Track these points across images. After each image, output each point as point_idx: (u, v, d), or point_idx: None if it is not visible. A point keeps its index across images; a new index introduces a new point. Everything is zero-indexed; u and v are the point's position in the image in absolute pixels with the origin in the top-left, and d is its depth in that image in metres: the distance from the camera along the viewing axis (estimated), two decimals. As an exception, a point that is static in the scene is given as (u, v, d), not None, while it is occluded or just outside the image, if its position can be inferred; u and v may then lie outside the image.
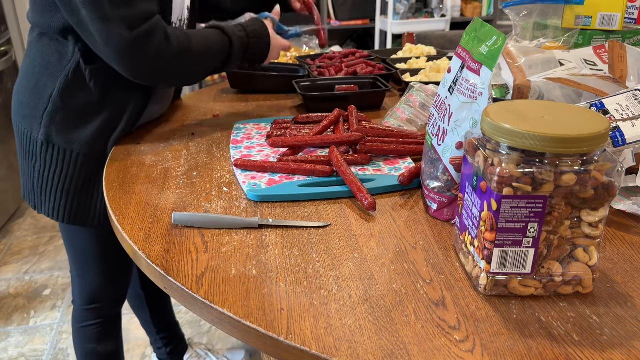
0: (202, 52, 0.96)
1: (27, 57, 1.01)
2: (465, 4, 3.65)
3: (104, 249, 1.11)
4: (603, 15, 1.00)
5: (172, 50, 0.90)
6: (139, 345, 1.79)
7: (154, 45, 0.88)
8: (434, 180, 0.70)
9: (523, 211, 0.49)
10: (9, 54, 2.54)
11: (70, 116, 0.96)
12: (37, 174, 1.01)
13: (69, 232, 1.10)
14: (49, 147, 0.98)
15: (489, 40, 0.60)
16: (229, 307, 0.53)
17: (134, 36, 0.85)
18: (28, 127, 0.99)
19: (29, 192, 1.05)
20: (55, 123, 0.96)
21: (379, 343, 0.48)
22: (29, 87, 0.99)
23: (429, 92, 1.03)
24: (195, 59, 0.95)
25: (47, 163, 0.99)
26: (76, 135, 0.97)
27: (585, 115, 0.51)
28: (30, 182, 1.03)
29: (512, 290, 0.53)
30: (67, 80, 0.94)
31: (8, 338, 1.84)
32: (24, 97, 1.00)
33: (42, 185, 1.01)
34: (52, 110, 0.96)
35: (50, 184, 1.01)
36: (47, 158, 0.99)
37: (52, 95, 0.95)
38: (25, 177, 1.05)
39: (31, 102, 0.98)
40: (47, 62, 0.96)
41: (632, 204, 0.69)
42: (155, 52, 0.88)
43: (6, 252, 2.37)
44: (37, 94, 0.97)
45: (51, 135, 0.97)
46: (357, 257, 0.61)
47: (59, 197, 1.01)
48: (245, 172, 0.83)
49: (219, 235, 0.67)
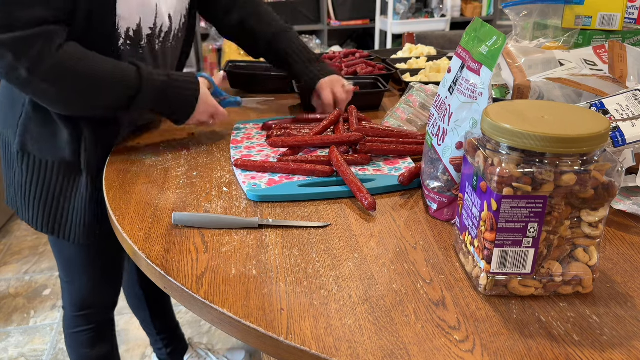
0: (98, 78, 0.83)
1: None
2: (465, 4, 3.65)
3: (90, 257, 1.09)
4: (603, 15, 1.00)
5: (53, 65, 0.79)
6: (139, 345, 1.79)
7: (30, 55, 0.77)
8: (434, 180, 0.70)
9: (523, 211, 0.49)
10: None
11: (41, 125, 0.93)
12: (17, 182, 0.99)
13: (56, 239, 1.07)
14: (24, 156, 0.95)
15: (489, 40, 0.60)
16: (229, 307, 0.53)
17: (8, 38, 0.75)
18: (7, 135, 0.97)
19: (11, 198, 1.03)
20: (29, 132, 0.93)
21: (379, 343, 0.48)
22: (6, 93, 0.96)
23: (429, 92, 1.03)
24: (88, 84, 0.83)
25: (24, 172, 0.96)
26: (49, 144, 0.94)
27: (585, 115, 0.51)
28: (12, 188, 1.01)
29: (512, 290, 0.53)
30: None
31: (8, 338, 1.84)
32: (3, 101, 0.97)
33: (21, 193, 0.99)
34: (25, 118, 0.92)
35: (28, 193, 0.98)
36: (23, 167, 0.96)
37: (25, 103, 0.92)
38: (7, 183, 1.02)
39: (8, 108, 0.95)
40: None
41: (632, 204, 0.69)
42: (31, 62, 0.77)
43: (6, 252, 2.37)
44: (13, 100, 0.94)
45: (26, 145, 0.94)
46: (357, 257, 0.61)
47: (37, 207, 0.98)
48: (245, 172, 0.83)
49: (219, 235, 0.67)
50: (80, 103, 0.86)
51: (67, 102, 0.85)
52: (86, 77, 0.83)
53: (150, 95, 0.88)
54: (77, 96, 0.85)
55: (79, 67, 0.82)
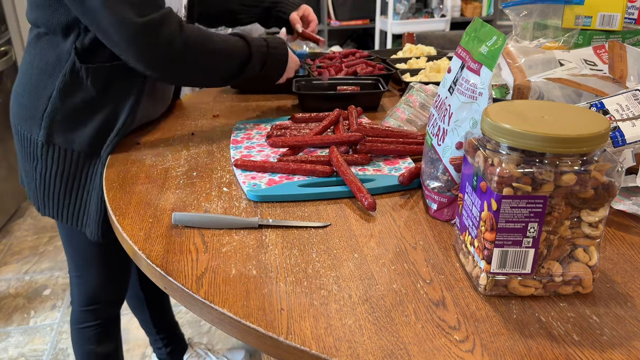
0: (217, 51, 0.94)
1: (26, 58, 1.01)
2: (465, 4, 3.65)
3: (103, 250, 1.11)
4: (603, 15, 1.00)
5: (185, 42, 0.88)
6: (139, 345, 1.79)
7: (165, 34, 0.85)
8: (434, 180, 0.70)
9: (523, 211, 0.49)
10: (9, 54, 2.54)
11: (69, 116, 0.96)
12: (39, 176, 1.01)
13: (68, 233, 1.10)
14: (50, 147, 0.98)
15: (489, 40, 0.60)
16: (229, 307, 0.53)
17: (144, 22, 0.83)
18: (28, 129, 0.99)
19: (33, 194, 1.04)
20: (55, 123, 0.96)
21: (379, 343, 0.48)
22: (27, 89, 0.98)
23: (429, 92, 1.03)
24: (210, 57, 0.93)
25: (48, 164, 0.99)
26: (76, 134, 0.97)
27: (585, 115, 0.51)
28: (33, 184, 1.03)
29: (512, 290, 0.53)
30: (64, 80, 0.94)
31: (8, 338, 1.84)
32: (23, 99, 0.99)
33: (44, 186, 1.01)
34: (51, 110, 0.95)
35: (52, 185, 1.00)
36: (47, 159, 0.99)
37: (52, 96, 0.95)
38: (28, 180, 1.04)
39: (30, 103, 0.98)
40: (45, 63, 0.96)
41: (632, 204, 0.69)
42: (167, 41, 0.86)
43: (6, 252, 2.37)
44: (36, 96, 0.97)
45: (51, 136, 0.97)
46: (357, 257, 0.61)
47: (62, 198, 1.01)
48: (245, 172, 0.83)
49: (219, 235, 0.67)
50: (207, 74, 0.96)
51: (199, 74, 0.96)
52: (211, 49, 0.93)
53: (257, 63, 1.00)
54: (208, 66, 0.95)
55: (207, 41, 0.92)
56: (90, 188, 1.01)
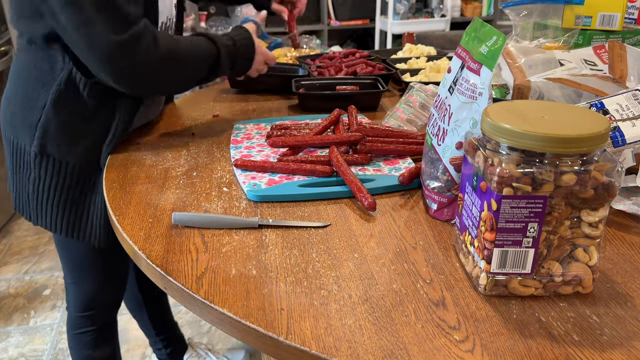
0: (189, 59, 0.92)
1: (16, 64, 0.97)
2: (465, 4, 3.65)
3: (99, 257, 1.09)
4: (603, 15, 1.00)
5: (160, 56, 0.86)
6: (139, 345, 1.79)
7: (141, 51, 0.83)
8: (434, 180, 0.70)
9: (523, 211, 0.49)
10: (9, 54, 2.54)
11: (64, 126, 0.93)
12: (32, 186, 0.97)
13: (63, 241, 1.07)
14: (43, 158, 0.94)
15: (489, 40, 0.60)
16: (229, 307, 0.53)
17: (119, 41, 0.81)
18: (20, 138, 0.96)
19: (23, 204, 1.01)
20: (49, 134, 0.93)
21: (379, 343, 0.48)
22: (19, 96, 0.95)
23: (429, 92, 1.03)
24: (183, 67, 0.91)
25: (42, 175, 0.96)
26: (71, 146, 0.94)
27: (585, 115, 0.51)
28: (24, 194, 0.99)
29: (512, 290, 0.53)
30: (59, 90, 0.91)
31: (8, 338, 1.84)
32: (15, 107, 0.96)
33: (37, 197, 0.98)
34: (45, 121, 0.92)
35: (46, 196, 0.97)
36: (41, 170, 0.95)
37: (45, 106, 0.92)
38: (18, 189, 1.00)
39: (23, 112, 0.94)
40: (38, 70, 0.92)
41: (632, 204, 0.69)
42: (143, 58, 0.84)
43: (6, 252, 2.37)
44: (28, 104, 0.93)
45: (45, 147, 0.94)
46: (357, 257, 0.61)
47: (56, 210, 0.98)
48: (245, 172, 0.83)
49: (219, 235, 0.67)
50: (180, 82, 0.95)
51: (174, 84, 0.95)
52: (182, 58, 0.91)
53: (225, 62, 0.98)
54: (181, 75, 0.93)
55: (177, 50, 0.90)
56: (92, 200, 0.98)
